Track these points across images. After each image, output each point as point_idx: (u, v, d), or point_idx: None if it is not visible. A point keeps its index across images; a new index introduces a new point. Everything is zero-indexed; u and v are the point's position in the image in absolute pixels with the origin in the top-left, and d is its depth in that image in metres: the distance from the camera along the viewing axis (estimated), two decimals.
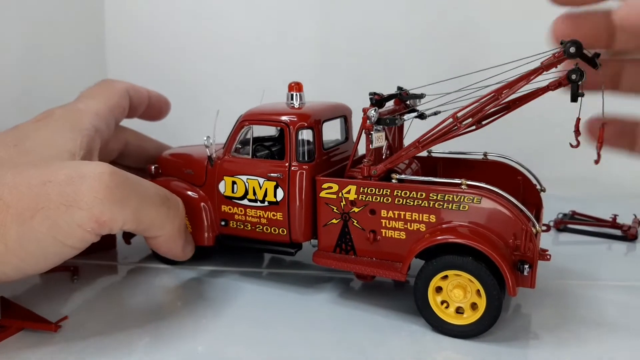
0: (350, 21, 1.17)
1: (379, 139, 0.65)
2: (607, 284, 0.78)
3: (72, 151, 0.63)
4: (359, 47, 1.16)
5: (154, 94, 0.86)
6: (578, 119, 0.57)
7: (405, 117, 0.67)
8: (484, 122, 0.69)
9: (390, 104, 0.75)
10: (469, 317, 0.61)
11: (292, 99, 0.74)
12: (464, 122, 0.62)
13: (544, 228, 0.74)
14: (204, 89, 1.22)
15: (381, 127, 0.65)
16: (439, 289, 0.63)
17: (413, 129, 0.72)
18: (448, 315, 0.62)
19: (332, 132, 0.78)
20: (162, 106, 0.87)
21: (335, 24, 1.18)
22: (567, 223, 1.02)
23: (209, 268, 0.80)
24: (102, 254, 0.85)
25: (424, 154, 0.78)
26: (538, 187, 0.75)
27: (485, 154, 0.77)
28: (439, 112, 0.68)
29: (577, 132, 0.58)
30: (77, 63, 0.85)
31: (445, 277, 0.62)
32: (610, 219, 1.00)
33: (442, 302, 0.63)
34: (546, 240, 0.96)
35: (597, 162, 0.53)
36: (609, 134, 0.53)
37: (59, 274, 0.77)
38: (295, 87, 0.74)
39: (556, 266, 0.82)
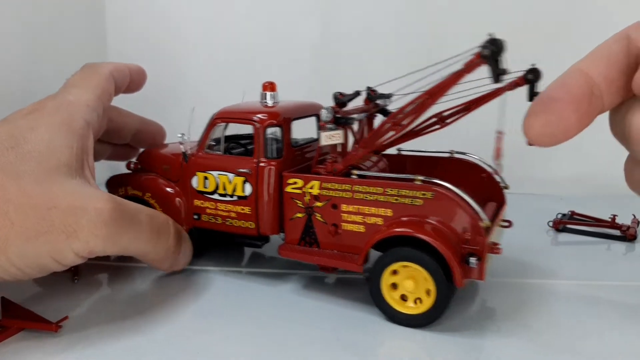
0: (350, 22, 1.19)
1: (331, 138, 0.67)
2: (605, 283, 0.77)
3: (68, 164, 0.67)
4: (357, 48, 1.18)
5: (134, 69, 0.86)
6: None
7: (356, 116, 0.69)
8: (448, 121, 0.70)
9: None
10: (419, 307, 0.63)
11: (265, 98, 0.77)
12: (401, 124, 0.64)
13: (506, 224, 0.74)
14: (205, 90, 1.23)
15: (334, 125, 0.67)
16: (393, 282, 0.65)
17: None
18: (401, 305, 0.64)
19: (309, 130, 0.81)
20: (140, 78, 0.88)
21: (335, 26, 1.20)
22: (566, 223, 1.00)
23: (209, 268, 0.81)
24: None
25: (394, 151, 0.79)
26: (502, 184, 0.75)
27: (451, 152, 0.78)
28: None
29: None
30: (78, 62, 0.87)
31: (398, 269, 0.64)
32: (610, 219, 0.98)
33: (394, 287, 0.65)
34: (545, 241, 0.96)
35: (496, 172, 0.47)
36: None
37: (59, 274, 0.75)
38: (269, 86, 0.77)
39: (556, 266, 0.82)
